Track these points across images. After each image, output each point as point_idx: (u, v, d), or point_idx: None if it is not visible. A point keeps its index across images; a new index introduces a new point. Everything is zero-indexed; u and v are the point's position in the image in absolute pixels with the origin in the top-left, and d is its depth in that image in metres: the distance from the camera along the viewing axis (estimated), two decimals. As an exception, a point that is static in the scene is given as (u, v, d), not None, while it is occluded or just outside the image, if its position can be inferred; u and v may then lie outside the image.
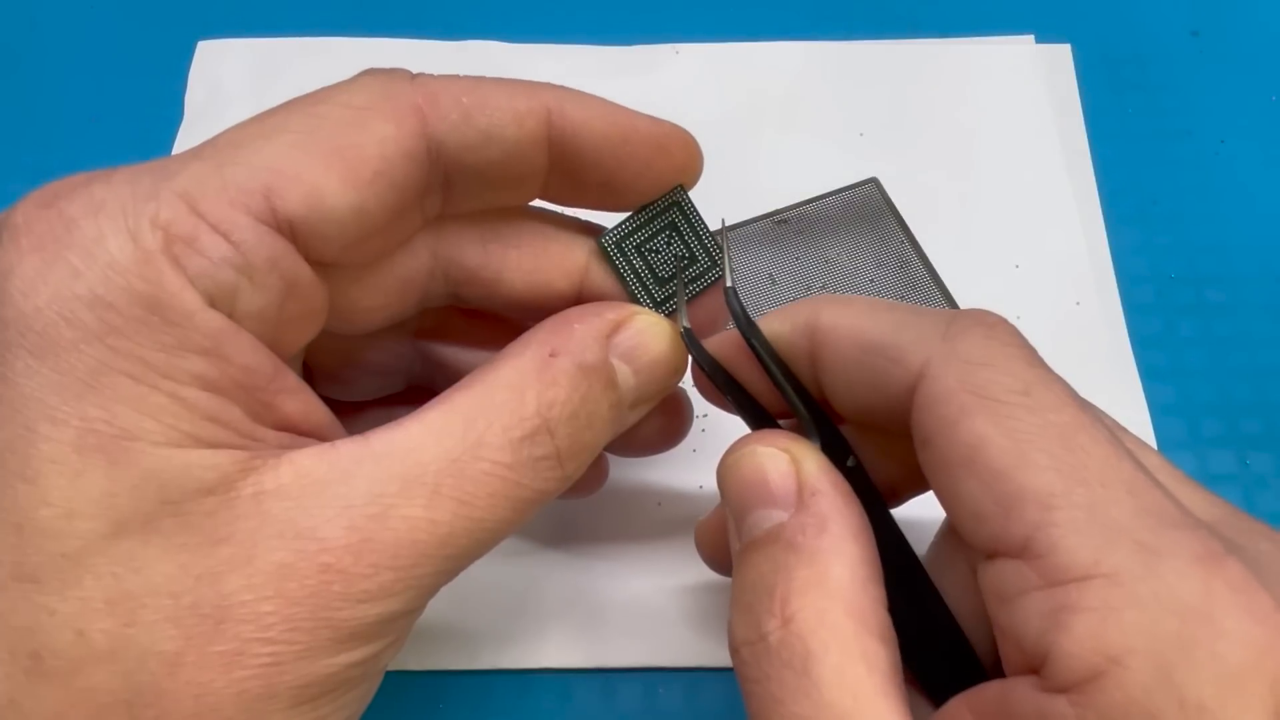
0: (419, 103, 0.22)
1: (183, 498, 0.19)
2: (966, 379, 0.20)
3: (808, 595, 0.19)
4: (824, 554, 0.20)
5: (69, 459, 0.18)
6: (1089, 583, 0.17)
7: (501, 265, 0.25)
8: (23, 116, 0.41)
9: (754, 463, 0.22)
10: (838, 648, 0.19)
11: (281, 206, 0.20)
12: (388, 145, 0.21)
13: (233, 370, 0.20)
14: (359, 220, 0.21)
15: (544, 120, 0.23)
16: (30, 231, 0.19)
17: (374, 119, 0.21)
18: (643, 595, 0.31)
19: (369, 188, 0.21)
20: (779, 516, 0.21)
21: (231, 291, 0.20)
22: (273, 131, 0.21)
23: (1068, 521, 0.18)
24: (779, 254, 0.37)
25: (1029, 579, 0.18)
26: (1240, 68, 0.42)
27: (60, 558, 0.18)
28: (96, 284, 0.19)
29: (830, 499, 0.21)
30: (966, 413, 0.19)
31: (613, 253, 0.25)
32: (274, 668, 0.19)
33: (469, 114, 0.22)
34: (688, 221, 0.25)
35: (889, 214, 0.38)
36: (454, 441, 0.21)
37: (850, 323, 0.22)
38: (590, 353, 0.23)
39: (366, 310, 0.24)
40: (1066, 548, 0.18)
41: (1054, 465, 0.18)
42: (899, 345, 0.21)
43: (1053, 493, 0.18)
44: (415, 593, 0.21)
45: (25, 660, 0.18)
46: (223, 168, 0.20)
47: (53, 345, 0.19)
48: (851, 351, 0.22)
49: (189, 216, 0.19)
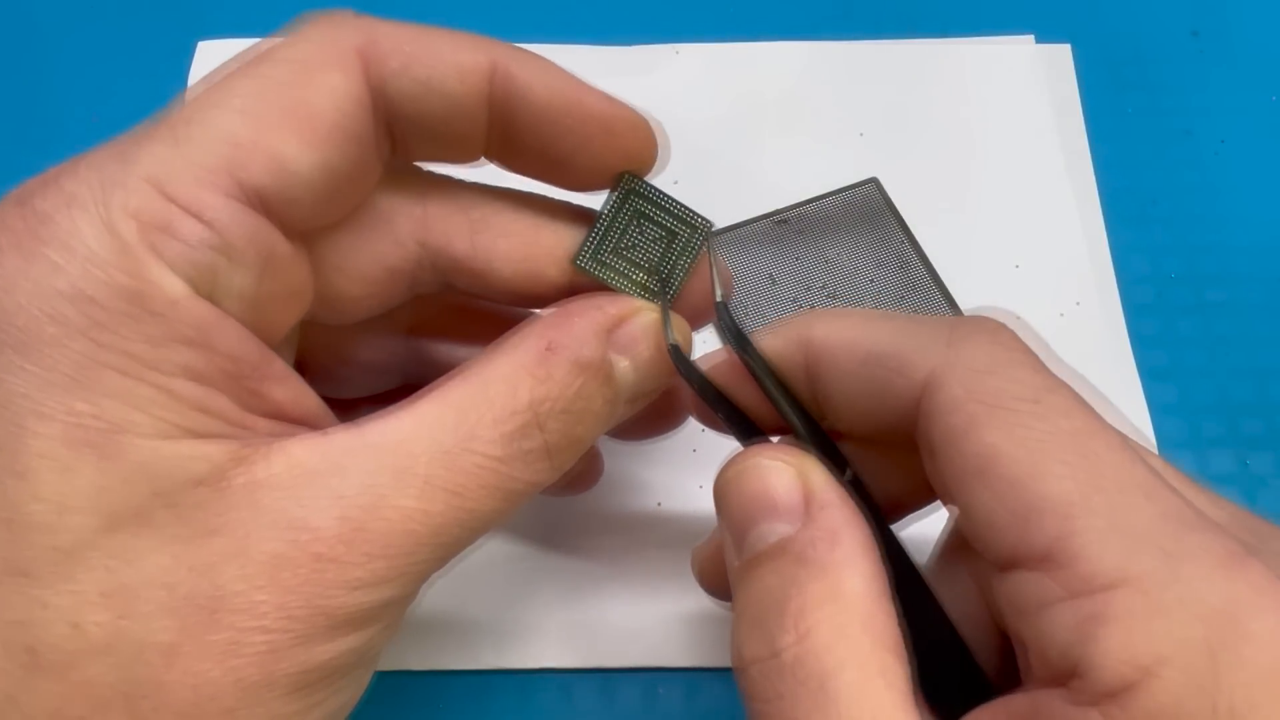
0: (361, 45, 0.21)
1: (174, 489, 0.19)
2: (974, 388, 0.19)
3: (822, 610, 0.19)
4: (837, 567, 0.19)
5: (58, 454, 0.18)
6: (1115, 592, 0.17)
7: (490, 254, 0.25)
8: (23, 116, 0.41)
9: (758, 475, 0.21)
10: (855, 664, 0.18)
11: (247, 178, 0.20)
12: (339, 96, 0.21)
13: (219, 359, 0.20)
14: (326, 179, 0.21)
15: (486, 77, 0.22)
16: (7, 229, 0.19)
17: (320, 71, 0.21)
18: (643, 595, 0.31)
19: (329, 144, 0.21)
20: (785, 530, 0.20)
21: (211, 273, 0.20)
22: (223, 99, 0.20)
23: (1088, 530, 0.17)
24: (779, 254, 0.37)
25: (1052, 590, 0.18)
26: (1240, 68, 0.42)
27: (53, 551, 0.18)
28: (77, 278, 0.19)
29: (840, 511, 0.20)
30: (976, 423, 0.19)
31: (593, 268, 0.24)
32: (270, 656, 0.19)
33: (410, 63, 0.22)
34: (652, 204, 0.25)
35: (889, 214, 0.38)
36: (446, 433, 0.21)
37: (847, 335, 0.22)
38: (588, 348, 0.22)
39: (354, 299, 0.24)
40: (1089, 557, 0.17)
41: (1070, 473, 0.18)
42: (900, 355, 0.21)
43: (1071, 501, 0.18)
44: (408, 580, 0.21)
45: (21, 655, 0.18)
46: (180, 145, 0.20)
47: (36, 341, 0.18)
48: (850, 364, 0.22)
49: (160, 202, 0.19)
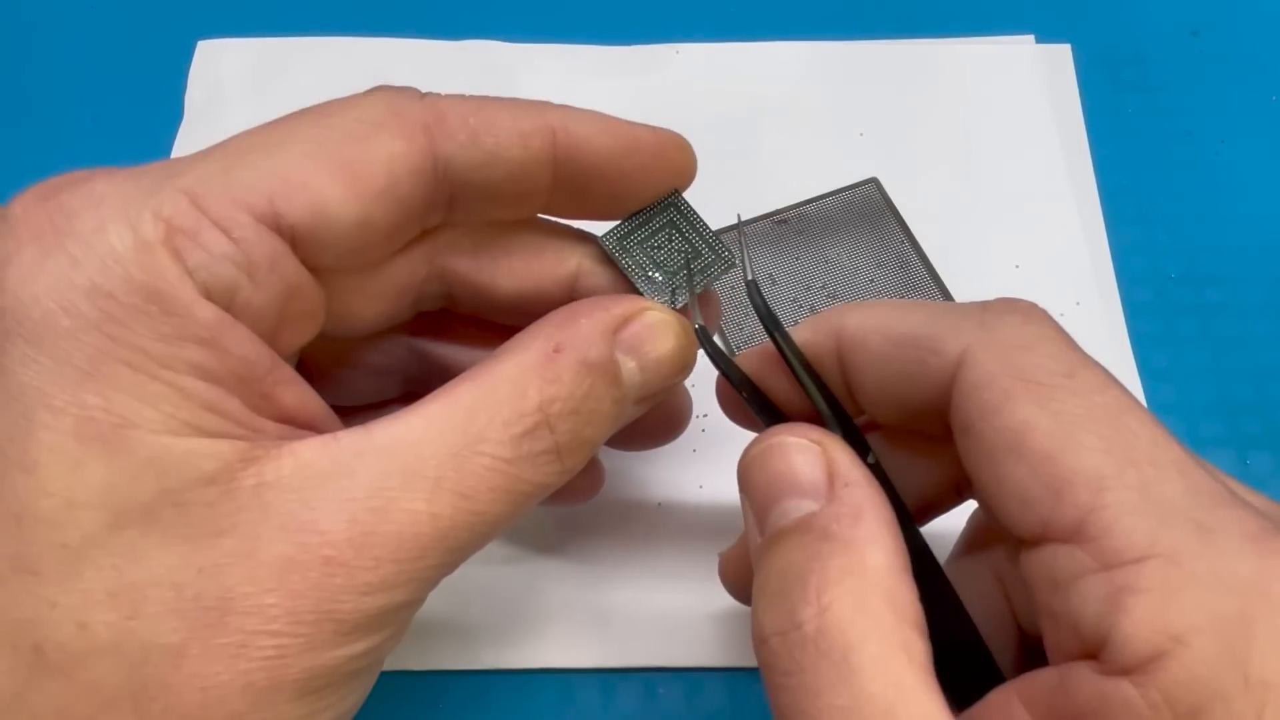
0: (428, 121, 0.22)
1: (182, 487, 0.19)
2: (1008, 363, 0.20)
3: (845, 583, 0.19)
4: (860, 543, 0.19)
5: (68, 448, 0.18)
6: (1147, 563, 0.17)
7: (494, 271, 0.25)
8: (23, 116, 0.41)
9: (782, 453, 0.21)
10: (878, 638, 0.18)
11: (286, 211, 0.20)
12: (396, 161, 0.21)
13: (231, 361, 0.20)
14: (361, 232, 0.22)
15: (549, 140, 0.23)
16: (29, 222, 0.19)
17: (383, 135, 0.22)
18: (643, 595, 0.31)
19: (374, 201, 0.21)
20: (809, 507, 0.20)
21: (231, 288, 0.20)
22: (283, 140, 0.21)
23: (1121, 503, 0.18)
24: (779, 254, 0.37)
25: (1084, 562, 0.18)
26: (1240, 68, 0.42)
27: (61, 549, 0.18)
28: (95, 273, 0.19)
29: (864, 490, 0.20)
30: (1010, 397, 0.19)
31: (615, 250, 0.25)
32: (278, 660, 0.19)
33: (476, 134, 0.22)
34: (686, 220, 0.26)
35: (889, 214, 0.38)
36: (455, 435, 0.21)
37: (880, 321, 0.23)
38: (595, 349, 0.23)
39: (362, 314, 0.25)
40: (1122, 529, 0.18)
41: (1103, 447, 0.18)
42: (934, 335, 0.21)
43: (1104, 474, 0.18)
44: (417, 585, 0.21)
45: (28, 654, 0.18)
46: (230, 171, 0.20)
47: (50, 334, 0.19)
48: (883, 347, 0.22)
49: (191, 211, 0.20)
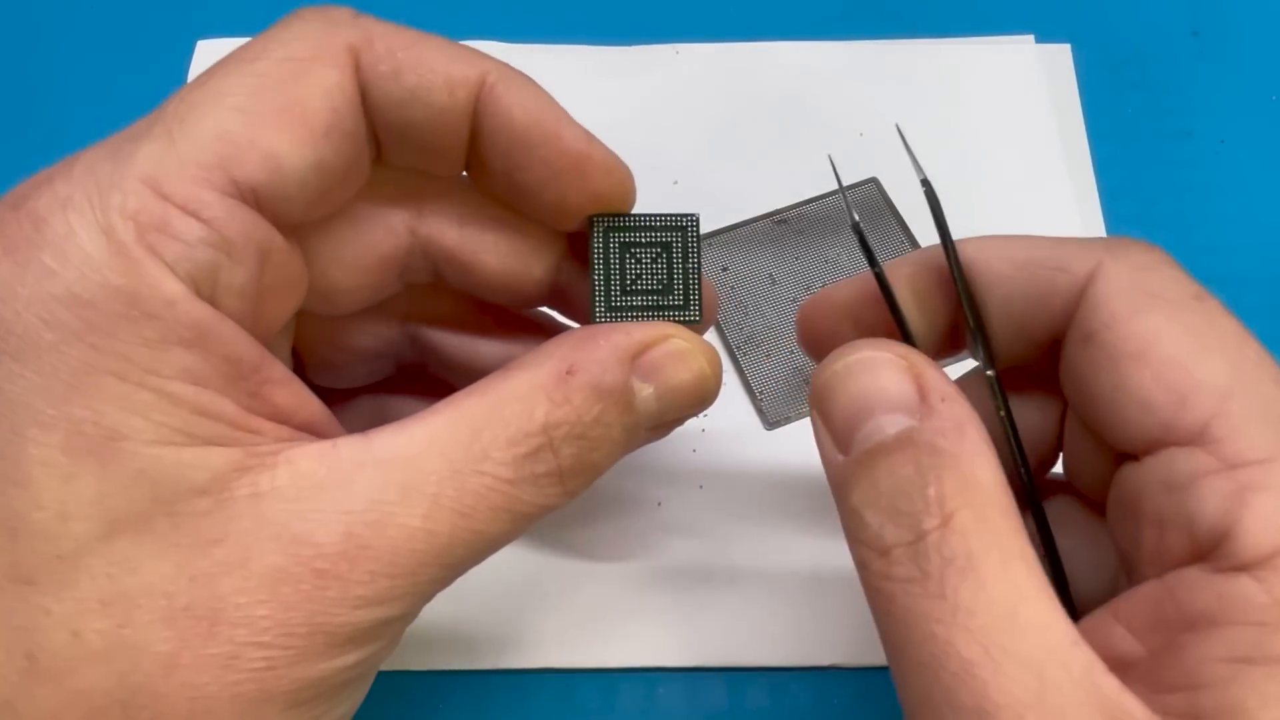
0: (355, 43, 0.21)
1: (175, 498, 0.19)
2: (1140, 280, 0.21)
3: (961, 496, 0.19)
4: (967, 457, 0.19)
5: (58, 462, 0.18)
6: (1272, 464, 0.18)
7: (478, 246, 0.25)
8: (23, 117, 0.41)
9: (869, 369, 0.21)
10: (998, 548, 0.18)
11: (241, 176, 0.20)
12: (334, 95, 0.21)
13: (218, 360, 0.19)
14: (319, 176, 0.21)
15: (474, 93, 0.22)
16: (1, 235, 0.19)
17: (315, 68, 0.21)
18: (643, 595, 0.31)
19: (323, 142, 0.21)
20: (904, 422, 0.20)
21: (212, 271, 0.20)
22: (217, 96, 0.20)
23: (1245, 410, 0.19)
24: (779, 254, 0.37)
25: (1205, 463, 0.19)
26: (1240, 68, 0.42)
27: (55, 559, 0.18)
28: (73, 283, 0.18)
29: (961, 405, 0.20)
30: (1141, 308, 0.20)
31: (615, 318, 0.24)
32: (269, 672, 0.19)
33: (400, 69, 0.22)
34: (631, 230, 0.24)
35: (889, 214, 0.38)
36: (458, 451, 0.21)
37: (999, 247, 0.23)
38: (610, 374, 0.22)
39: (349, 289, 0.24)
40: (1246, 433, 0.19)
41: (1228, 360, 0.19)
42: (1063, 256, 0.22)
43: (1228, 385, 0.19)
44: (411, 599, 0.20)
45: (21, 661, 0.18)
46: (175, 144, 0.20)
47: (33, 348, 0.18)
48: (1007, 268, 0.23)
49: (157, 202, 0.19)
